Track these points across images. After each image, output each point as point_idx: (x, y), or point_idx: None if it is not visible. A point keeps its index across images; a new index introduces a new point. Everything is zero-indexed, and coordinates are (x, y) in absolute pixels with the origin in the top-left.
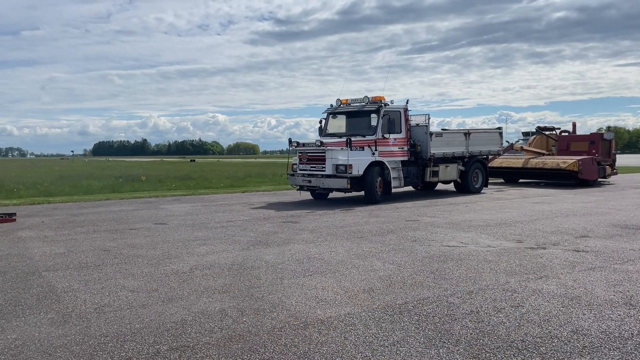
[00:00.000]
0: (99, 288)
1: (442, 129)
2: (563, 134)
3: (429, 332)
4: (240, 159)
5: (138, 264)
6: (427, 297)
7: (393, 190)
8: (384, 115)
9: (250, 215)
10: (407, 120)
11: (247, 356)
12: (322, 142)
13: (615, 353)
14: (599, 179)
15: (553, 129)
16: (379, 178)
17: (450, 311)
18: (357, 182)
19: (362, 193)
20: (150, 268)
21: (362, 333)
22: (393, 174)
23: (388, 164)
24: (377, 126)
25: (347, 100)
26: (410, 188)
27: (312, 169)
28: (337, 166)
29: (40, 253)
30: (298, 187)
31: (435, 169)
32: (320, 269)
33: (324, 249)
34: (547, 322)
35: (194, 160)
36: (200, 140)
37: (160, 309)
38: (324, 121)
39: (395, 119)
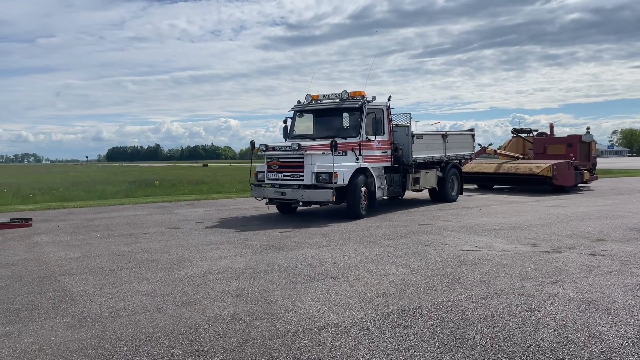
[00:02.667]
0: (114, 292)
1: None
2: (540, 136)
3: (444, 337)
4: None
5: (152, 269)
6: (441, 301)
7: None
8: (368, 114)
9: (262, 220)
10: (390, 119)
11: None
12: (300, 145)
13: (634, 358)
14: (579, 185)
15: (530, 130)
16: (364, 188)
17: (465, 316)
18: (341, 193)
19: (337, 206)
20: (164, 272)
21: (376, 338)
22: (377, 183)
23: (372, 171)
24: (360, 126)
25: (317, 95)
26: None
27: (285, 178)
28: (318, 174)
29: (56, 258)
30: (267, 200)
31: (417, 175)
32: (333, 273)
33: (337, 253)
34: (563, 327)
35: (207, 165)
36: (212, 145)
37: (175, 313)
38: (289, 121)
39: (379, 118)
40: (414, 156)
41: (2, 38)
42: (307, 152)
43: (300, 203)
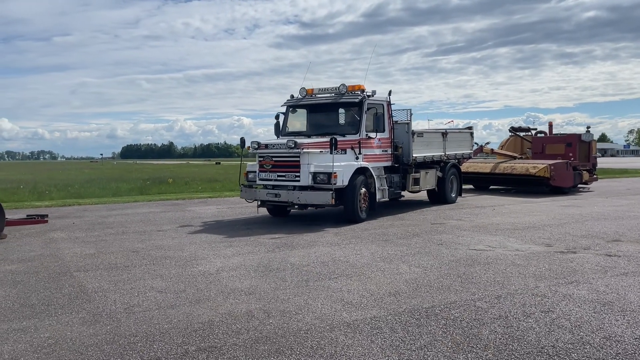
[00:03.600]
0: (128, 288)
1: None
2: (539, 135)
3: (457, 337)
4: None
5: (166, 265)
6: (454, 301)
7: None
8: (368, 109)
9: (274, 218)
10: (390, 116)
11: (273, 358)
12: (296, 143)
13: None
14: (578, 186)
15: (528, 129)
16: (363, 189)
17: (478, 315)
18: (339, 195)
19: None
20: (177, 269)
21: (388, 337)
22: (377, 183)
23: (372, 171)
24: (360, 123)
25: (312, 89)
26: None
27: (279, 178)
28: (316, 175)
29: (72, 254)
30: (259, 202)
31: (417, 175)
32: (345, 272)
33: (349, 251)
34: (578, 328)
35: (219, 163)
36: (225, 143)
37: (188, 310)
38: (282, 117)
39: (380, 114)
40: (414, 155)
41: (19, 36)
42: (304, 150)
43: (296, 206)
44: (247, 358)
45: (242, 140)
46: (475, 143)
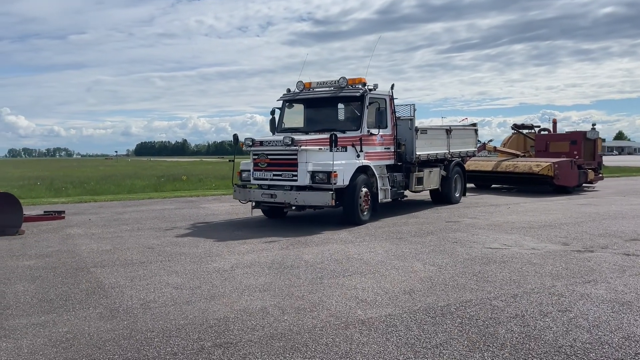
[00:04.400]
0: (144, 284)
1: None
2: (542, 132)
3: (473, 335)
4: None
5: (181, 262)
6: (469, 299)
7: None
8: (370, 104)
9: (288, 215)
10: (393, 111)
11: (289, 354)
12: (293, 139)
13: None
14: (583, 185)
15: (532, 127)
16: (365, 189)
17: (494, 314)
18: (340, 195)
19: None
20: (193, 265)
21: (403, 335)
22: (380, 183)
23: (374, 170)
24: (361, 118)
25: (310, 83)
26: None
27: (275, 177)
28: (314, 174)
29: (88, 250)
30: (253, 203)
31: (420, 174)
32: (359, 270)
33: (363, 249)
34: (596, 327)
35: (233, 160)
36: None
37: (204, 306)
38: (278, 112)
39: (383, 109)
40: (417, 153)
41: (35, 35)
42: (302, 147)
43: (293, 207)
44: (263, 354)
45: (235, 137)
46: (478, 140)
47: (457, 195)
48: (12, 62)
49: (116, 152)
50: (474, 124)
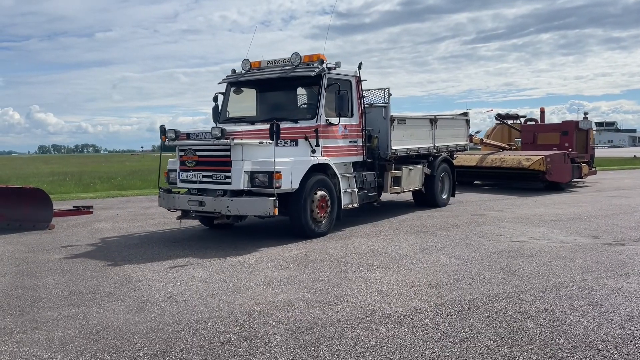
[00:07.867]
0: (171, 278)
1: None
2: (529, 122)
3: (500, 330)
4: None
5: (207, 255)
6: (497, 293)
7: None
8: (329, 86)
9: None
10: (361, 96)
11: (314, 348)
12: (223, 131)
13: None
14: (574, 180)
15: (517, 116)
16: (320, 192)
17: (522, 308)
18: (286, 202)
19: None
20: (218, 259)
21: (430, 329)
22: (343, 185)
23: (336, 169)
24: (318, 104)
25: (259, 62)
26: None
27: (205, 179)
28: (253, 174)
29: (116, 244)
30: (180, 212)
31: (397, 173)
32: (384, 263)
33: (387, 242)
34: (628, 322)
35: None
36: None
37: (229, 299)
38: (221, 98)
39: (345, 93)
40: (394, 147)
41: (63, 33)
42: (236, 141)
43: (227, 219)
44: (288, 347)
45: (162, 128)
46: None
47: (445, 196)
48: (40, 60)
49: (142, 147)
50: (466, 113)
